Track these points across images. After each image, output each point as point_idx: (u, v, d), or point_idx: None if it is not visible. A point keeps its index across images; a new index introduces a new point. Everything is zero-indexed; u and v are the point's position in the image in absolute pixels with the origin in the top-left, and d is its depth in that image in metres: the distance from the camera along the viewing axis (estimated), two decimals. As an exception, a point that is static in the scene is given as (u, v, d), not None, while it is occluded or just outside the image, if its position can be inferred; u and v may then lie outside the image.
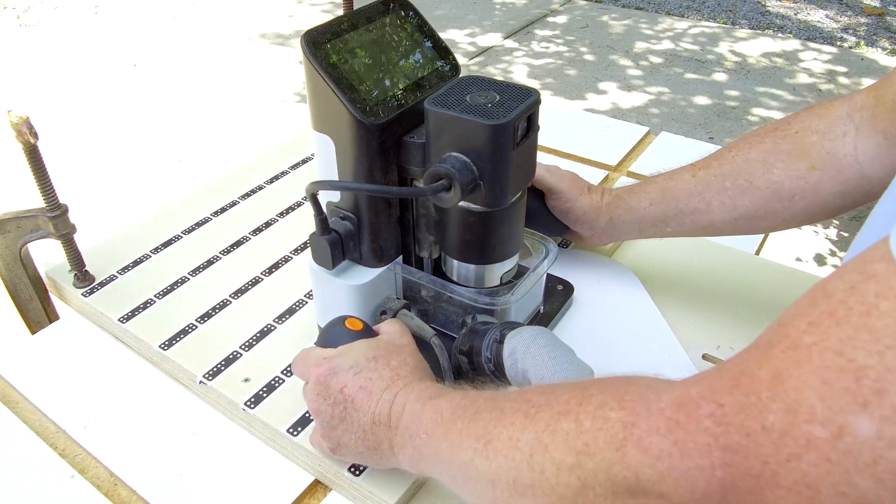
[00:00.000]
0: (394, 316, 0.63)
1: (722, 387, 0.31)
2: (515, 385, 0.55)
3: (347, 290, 0.63)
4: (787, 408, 0.28)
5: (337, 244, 0.60)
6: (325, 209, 0.60)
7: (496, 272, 0.64)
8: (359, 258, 0.63)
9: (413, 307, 0.67)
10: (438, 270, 0.67)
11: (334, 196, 0.62)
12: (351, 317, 0.59)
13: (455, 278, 0.65)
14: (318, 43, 0.55)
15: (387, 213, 0.61)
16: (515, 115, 0.53)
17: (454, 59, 0.63)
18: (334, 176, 0.60)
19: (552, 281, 0.76)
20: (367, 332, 0.58)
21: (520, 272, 0.66)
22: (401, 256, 0.65)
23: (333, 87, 0.54)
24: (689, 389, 0.33)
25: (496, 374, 0.57)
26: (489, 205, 0.57)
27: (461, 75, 0.61)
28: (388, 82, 0.58)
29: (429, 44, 0.63)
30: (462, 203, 0.57)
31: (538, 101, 0.57)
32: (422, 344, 0.59)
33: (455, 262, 0.64)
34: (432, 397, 0.49)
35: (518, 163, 0.57)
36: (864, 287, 0.28)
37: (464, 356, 0.59)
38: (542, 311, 0.73)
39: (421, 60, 0.61)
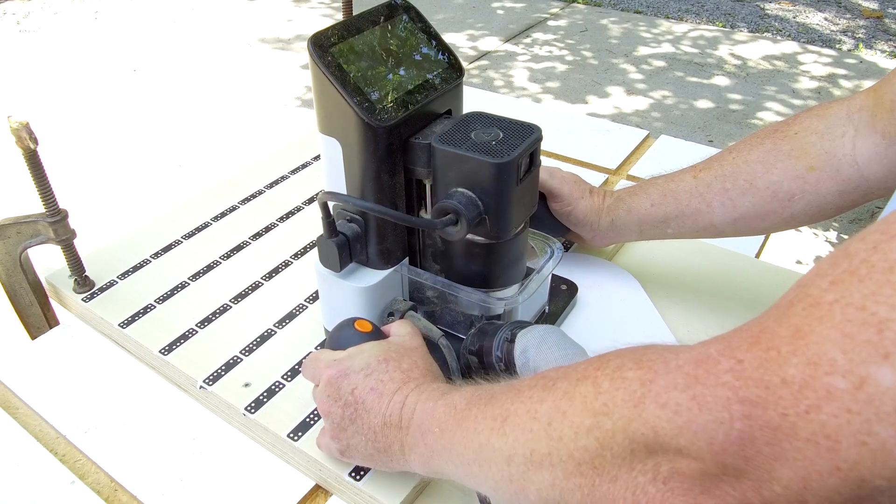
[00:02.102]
0: (401, 317, 0.64)
1: (741, 344, 0.31)
2: None
3: (355, 292, 0.63)
4: (807, 361, 0.28)
5: (344, 246, 0.61)
6: (332, 211, 0.61)
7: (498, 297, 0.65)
8: (366, 260, 0.64)
9: (420, 308, 0.67)
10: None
11: None
12: (360, 319, 0.60)
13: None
14: (325, 46, 0.55)
15: None
16: (519, 153, 0.56)
17: (458, 61, 0.64)
18: (341, 178, 0.60)
19: (556, 281, 0.77)
20: (377, 333, 0.59)
21: (526, 273, 0.67)
22: (407, 258, 0.66)
23: (341, 89, 0.55)
24: (708, 348, 0.33)
25: (507, 373, 0.57)
26: (493, 237, 0.59)
27: (468, 112, 0.62)
28: (393, 84, 0.58)
29: (433, 46, 0.63)
30: (467, 236, 0.58)
31: (540, 138, 0.59)
32: (429, 345, 0.59)
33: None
34: (445, 393, 0.49)
35: (521, 197, 0.59)
36: (886, 246, 0.28)
37: (473, 356, 0.60)
38: (547, 310, 0.73)
39: (425, 62, 0.62)
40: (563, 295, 0.75)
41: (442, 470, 0.48)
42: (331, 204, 0.61)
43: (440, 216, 0.57)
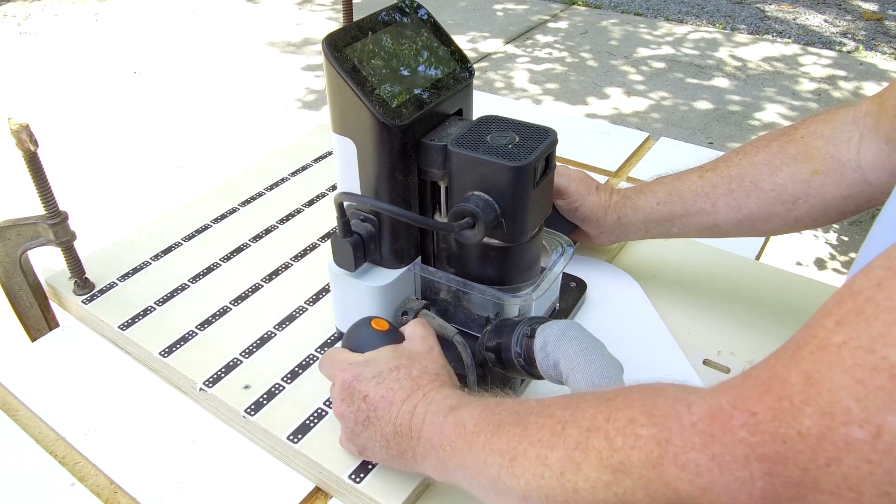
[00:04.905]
0: (415, 316, 0.64)
1: (753, 394, 0.31)
2: (547, 378, 0.55)
3: (369, 291, 0.63)
4: (821, 411, 0.28)
5: (359, 246, 0.61)
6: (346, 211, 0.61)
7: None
8: (379, 260, 0.64)
9: (432, 307, 0.67)
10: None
11: None
12: (377, 317, 0.60)
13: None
14: (339, 46, 0.56)
15: None
16: (536, 157, 0.56)
17: (468, 60, 0.64)
18: (355, 178, 0.60)
19: (565, 278, 0.77)
20: (393, 332, 0.59)
21: None
22: (420, 257, 0.66)
23: (356, 89, 0.55)
24: (719, 400, 0.32)
25: (526, 367, 0.57)
26: (510, 240, 0.60)
27: (481, 115, 0.62)
28: (407, 84, 0.58)
29: (443, 46, 0.64)
30: (483, 239, 0.58)
31: (555, 142, 0.59)
32: (444, 343, 0.59)
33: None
34: (453, 408, 0.49)
35: (537, 200, 0.59)
36: (891, 283, 0.28)
37: (491, 352, 0.60)
38: (557, 307, 0.74)
39: (436, 62, 0.62)
40: (572, 292, 0.76)
41: (457, 483, 0.48)
42: (345, 203, 0.61)
43: (457, 219, 0.57)
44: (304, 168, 1.01)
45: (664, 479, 0.33)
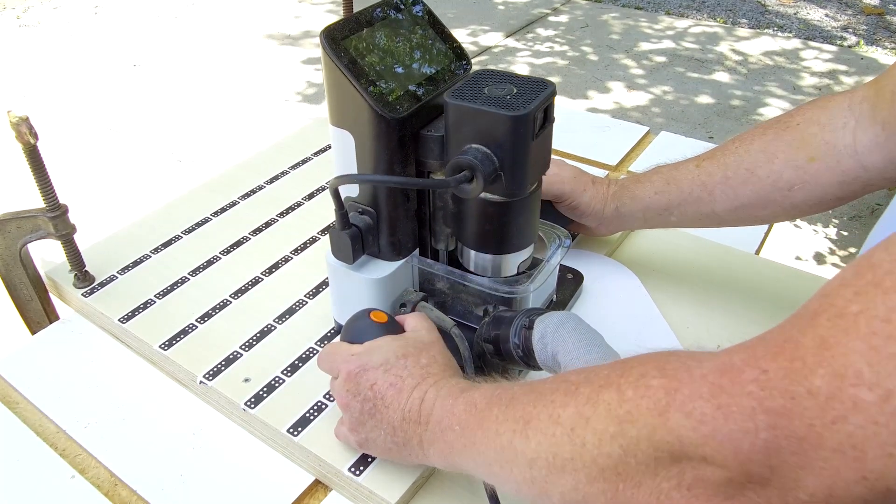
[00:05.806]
0: (413, 308, 0.64)
1: (766, 354, 0.31)
2: (545, 369, 0.56)
3: (367, 283, 0.63)
4: (833, 372, 0.28)
5: (357, 238, 0.61)
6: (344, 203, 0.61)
7: (513, 262, 0.64)
8: (377, 252, 0.64)
9: (430, 299, 0.67)
10: (454, 262, 0.68)
11: (353, 191, 0.62)
12: (375, 309, 0.60)
13: (472, 269, 0.66)
14: (338, 39, 0.56)
15: (405, 206, 0.62)
16: (535, 106, 0.54)
17: (465, 52, 0.64)
18: (353, 170, 0.60)
19: (562, 270, 0.77)
20: (392, 323, 0.59)
21: (533, 264, 0.67)
22: (418, 249, 0.66)
23: (354, 82, 0.55)
24: (731, 357, 0.33)
25: (525, 359, 0.57)
26: (509, 195, 0.58)
27: (474, 70, 0.62)
28: (405, 77, 0.58)
29: (441, 38, 0.64)
30: (481, 194, 0.57)
31: (554, 93, 0.58)
32: (442, 335, 0.59)
33: (472, 252, 0.64)
34: (464, 390, 0.49)
35: (536, 153, 0.57)
36: None
37: (489, 344, 0.60)
38: (555, 299, 0.74)
39: (434, 54, 0.62)
40: (569, 284, 0.76)
41: (462, 466, 0.48)
42: (343, 196, 0.61)
43: (455, 173, 0.56)
44: (303, 161, 1.01)
45: (668, 426, 0.33)
